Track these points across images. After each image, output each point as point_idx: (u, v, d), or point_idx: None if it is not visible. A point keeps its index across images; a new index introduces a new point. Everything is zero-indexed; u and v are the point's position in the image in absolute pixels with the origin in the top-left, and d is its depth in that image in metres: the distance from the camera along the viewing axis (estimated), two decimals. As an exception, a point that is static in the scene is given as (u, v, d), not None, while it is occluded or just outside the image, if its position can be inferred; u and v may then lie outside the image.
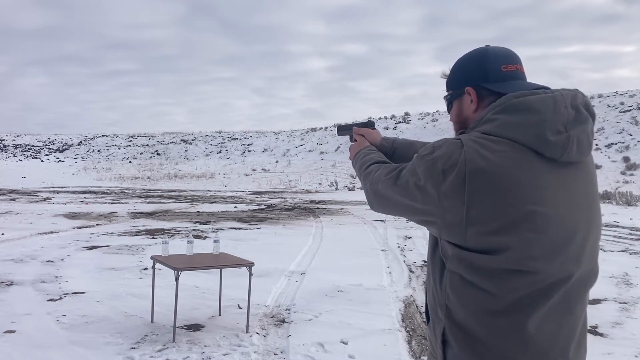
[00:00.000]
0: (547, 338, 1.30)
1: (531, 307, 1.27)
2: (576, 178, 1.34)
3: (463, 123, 1.48)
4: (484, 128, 1.34)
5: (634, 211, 16.85)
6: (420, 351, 4.45)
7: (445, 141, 1.33)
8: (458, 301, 1.32)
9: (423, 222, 1.40)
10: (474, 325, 1.30)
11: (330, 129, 50.30)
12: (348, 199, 22.70)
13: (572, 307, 1.33)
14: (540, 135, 1.28)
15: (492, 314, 1.28)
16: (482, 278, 1.28)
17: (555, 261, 1.28)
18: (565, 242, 1.30)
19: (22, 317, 5.21)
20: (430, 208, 1.32)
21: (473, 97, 1.44)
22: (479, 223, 1.25)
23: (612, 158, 28.35)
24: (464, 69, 1.48)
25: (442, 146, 1.32)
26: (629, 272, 7.73)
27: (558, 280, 1.29)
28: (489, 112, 1.36)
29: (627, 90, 40.20)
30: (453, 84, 1.51)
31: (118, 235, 11.10)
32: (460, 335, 1.32)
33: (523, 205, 1.24)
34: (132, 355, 4.22)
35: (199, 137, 55.33)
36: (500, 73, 1.42)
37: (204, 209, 17.77)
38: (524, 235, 1.24)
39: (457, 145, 1.29)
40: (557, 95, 1.33)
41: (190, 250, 5.13)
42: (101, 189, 29.08)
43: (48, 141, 55.48)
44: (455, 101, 1.51)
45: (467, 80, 1.46)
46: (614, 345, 4.65)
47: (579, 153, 1.33)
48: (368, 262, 8.37)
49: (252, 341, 4.61)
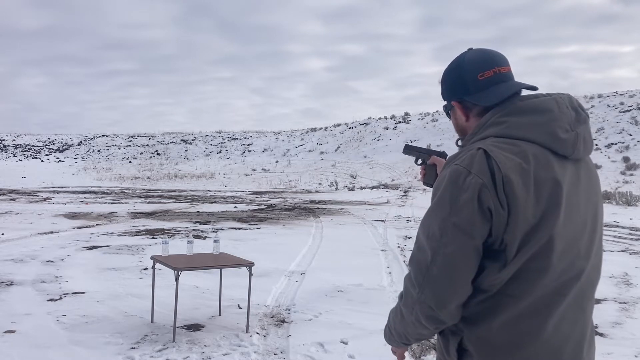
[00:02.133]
0: (563, 338, 1.31)
1: (550, 307, 1.29)
2: (583, 175, 1.38)
3: (463, 130, 1.50)
4: (492, 131, 1.34)
5: (634, 211, 16.84)
6: (420, 351, 4.45)
7: (470, 155, 1.29)
8: (480, 311, 1.31)
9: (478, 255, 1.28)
10: (497, 332, 1.30)
11: (330, 129, 50.28)
12: (348, 199, 22.70)
13: (584, 305, 1.36)
14: (553, 133, 1.31)
15: (514, 318, 1.29)
16: (506, 283, 1.28)
17: (568, 256, 1.31)
18: (578, 238, 1.33)
19: (22, 317, 5.21)
20: (477, 225, 1.25)
21: (459, 110, 1.47)
22: (516, 225, 1.25)
23: (612, 158, 28.34)
24: (446, 83, 1.51)
25: (472, 163, 1.27)
26: (629, 272, 7.73)
27: (571, 277, 1.31)
28: (494, 115, 1.37)
29: (627, 90, 40.19)
30: (443, 96, 1.54)
31: (118, 235, 11.10)
32: (481, 344, 1.32)
33: (548, 200, 1.27)
34: (132, 355, 4.23)
35: (199, 137, 55.30)
36: (477, 83, 1.41)
37: (204, 209, 17.77)
38: (551, 230, 1.27)
39: (482, 155, 1.28)
40: (557, 97, 1.37)
41: (190, 250, 5.13)
42: (101, 189, 29.07)
43: (48, 141, 55.47)
44: (450, 112, 1.53)
45: (450, 94, 1.49)
46: (614, 345, 4.66)
47: (585, 151, 1.37)
48: (368, 262, 8.37)
49: (252, 341, 4.61)
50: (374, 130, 45.51)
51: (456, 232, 1.25)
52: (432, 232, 1.29)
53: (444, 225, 1.27)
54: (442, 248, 1.27)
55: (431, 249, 1.28)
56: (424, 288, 1.30)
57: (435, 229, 1.29)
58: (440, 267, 1.27)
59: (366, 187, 28.59)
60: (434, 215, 1.30)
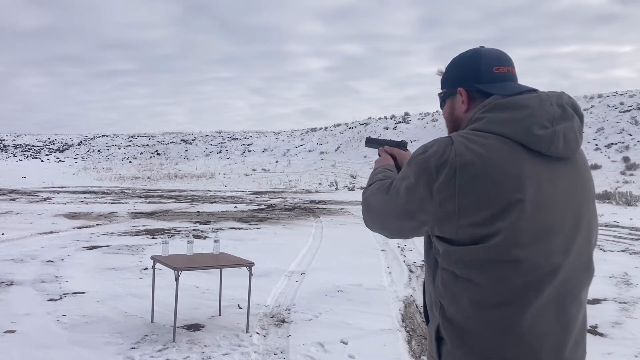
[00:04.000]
0: (540, 335, 1.31)
1: (522, 301, 1.30)
2: (564, 174, 1.38)
3: (455, 122, 1.52)
4: (473, 126, 1.39)
5: (634, 211, 16.84)
6: (420, 351, 4.45)
7: (436, 141, 1.39)
8: (451, 297, 1.34)
9: (413, 227, 1.42)
10: (467, 321, 1.32)
11: (330, 129, 50.29)
12: (348, 199, 22.70)
13: (566, 305, 1.35)
14: (526, 128, 1.33)
15: (484, 307, 1.30)
16: (472, 271, 1.30)
17: (539, 251, 1.31)
18: (550, 233, 1.32)
19: (22, 317, 5.21)
20: (422, 206, 1.35)
21: (464, 98, 1.48)
22: (470, 213, 1.29)
23: (612, 158, 28.35)
24: (457, 69, 1.52)
25: (433, 145, 1.37)
26: (629, 272, 7.73)
27: (545, 273, 1.31)
28: (478, 111, 1.41)
29: (627, 90, 40.20)
30: (446, 83, 1.55)
31: (118, 235, 11.10)
32: (454, 332, 1.34)
33: (510, 193, 1.29)
34: (132, 355, 4.23)
35: (199, 137, 55.32)
36: (492, 74, 1.45)
37: (204, 209, 17.78)
38: (511, 223, 1.28)
39: (447, 142, 1.35)
40: (543, 95, 1.40)
41: (190, 250, 5.13)
42: (101, 189, 29.08)
43: (48, 141, 55.48)
44: (448, 99, 1.55)
45: (460, 80, 1.49)
46: (613, 345, 4.65)
47: (566, 149, 1.37)
48: (368, 262, 8.37)
49: (252, 341, 4.61)
50: (374, 130, 45.52)
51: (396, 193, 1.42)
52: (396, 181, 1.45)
53: (398, 185, 1.42)
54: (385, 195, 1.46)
55: (386, 188, 1.47)
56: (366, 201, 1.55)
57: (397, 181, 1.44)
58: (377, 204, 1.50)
59: (366, 187, 28.58)
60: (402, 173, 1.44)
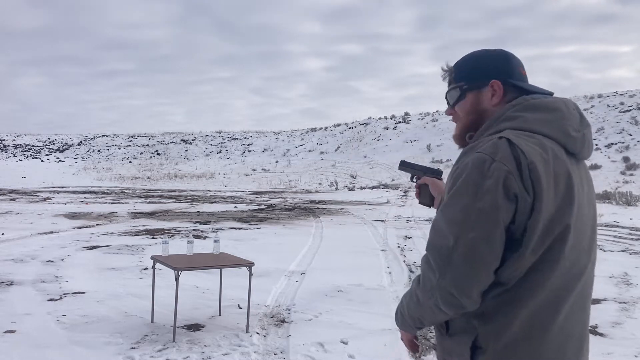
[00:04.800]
0: (567, 335, 1.33)
1: (558, 303, 1.31)
2: (584, 175, 1.43)
3: (478, 115, 1.47)
4: (507, 125, 1.37)
5: (634, 211, 16.84)
6: (420, 351, 4.45)
7: (493, 145, 1.29)
8: (497, 305, 1.31)
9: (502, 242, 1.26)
10: (511, 326, 1.29)
11: (330, 129, 50.27)
12: (348, 199, 22.70)
13: (585, 304, 1.39)
14: (565, 130, 1.36)
15: (528, 311, 1.29)
16: (523, 275, 1.29)
17: (576, 251, 1.33)
18: (583, 233, 1.36)
19: (22, 317, 5.21)
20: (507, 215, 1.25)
21: (499, 91, 1.45)
22: (540, 212, 1.26)
23: (612, 158, 28.34)
24: (488, 63, 1.49)
25: (496, 150, 1.28)
26: (629, 272, 7.73)
27: (576, 273, 1.34)
28: (508, 110, 1.40)
29: (627, 90, 40.20)
30: (469, 75, 1.49)
31: (118, 235, 11.10)
32: (495, 339, 1.31)
33: (565, 193, 1.30)
34: (132, 355, 4.23)
35: (199, 137, 55.32)
36: (520, 74, 1.49)
37: (204, 209, 17.77)
38: (567, 221, 1.29)
39: (505, 143, 1.29)
40: (565, 100, 1.43)
41: (190, 250, 5.13)
42: (101, 189, 29.08)
43: (48, 141, 55.47)
44: (470, 92, 1.49)
45: (493, 74, 1.47)
46: (614, 345, 4.66)
47: (589, 152, 1.43)
48: (368, 262, 8.37)
49: (252, 341, 4.61)
50: (374, 130, 45.51)
51: (480, 218, 1.23)
52: (454, 217, 1.27)
53: (467, 210, 1.25)
54: (465, 233, 1.24)
55: (453, 234, 1.25)
56: (445, 274, 1.26)
57: (457, 215, 1.26)
58: (463, 253, 1.24)
59: (366, 187, 28.59)
60: (456, 202, 1.28)
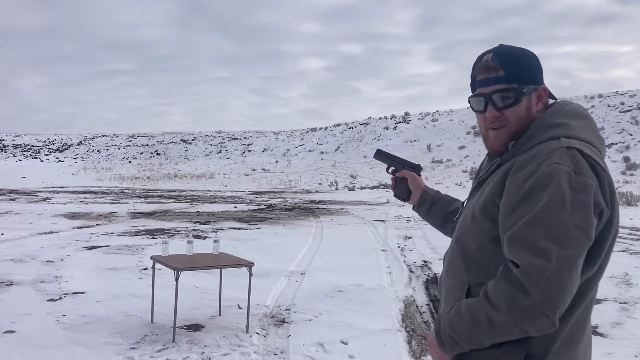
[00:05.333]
0: (589, 333, 1.37)
1: (591, 308, 1.35)
2: None
3: (528, 121, 1.39)
4: (558, 132, 1.32)
5: (634, 211, 16.85)
6: (420, 351, 4.44)
7: (569, 156, 1.25)
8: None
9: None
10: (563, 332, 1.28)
11: (330, 129, 50.25)
12: (348, 199, 22.70)
13: (593, 303, 1.41)
14: (600, 137, 1.37)
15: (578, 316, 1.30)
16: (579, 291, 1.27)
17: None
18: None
19: (22, 317, 5.21)
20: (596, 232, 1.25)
21: (545, 96, 1.42)
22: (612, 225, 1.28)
23: (612, 158, 28.33)
24: (538, 66, 1.43)
25: (576, 163, 1.24)
26: (629, 272, 7.73)
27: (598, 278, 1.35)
28: (552, 116, 1.36)
29: (627, 90, 40.18)
30: (525, 77, 1.39)
31: (118, 235, 11.09)
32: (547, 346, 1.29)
33: (612, 200, 1.29)
34: (132, 355, 4.22)
35: (198, 137, 55.29)
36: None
37: (204, 209, 17.76)
38: (615, 230, 1.30)
39: (579, 155, 1.25)
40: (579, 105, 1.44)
41: (190, 250, 5.13)
42: (101, 189, 29.06)
43: (48, 141, 55.46)
44: (526, 97, 1.39)
45: (541, 77, 1.43)
46: (614, 345, 4.66)
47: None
48: (368, 262, 8.37)
49: (252, 341, 4.61)
50: (374, 130, 45.49)
51: (578, 235, 1.19)
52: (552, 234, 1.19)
53: (566, 227, 1.19)
54: (564, 251, 1.18)
55: (553, 253, 1.18)
56: (542, 294, 1.17)
57: (555, 232, 1.19)
58: (561, 272, 1.18)
59: (366, 187, 28.60)
60: (551, 217, 1.20)
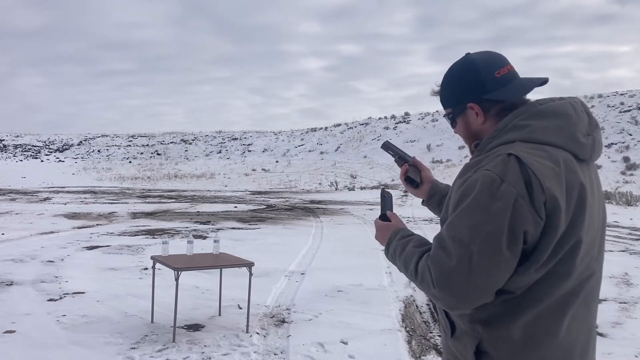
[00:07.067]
0: (574, 337, 1.32)
1: (565, 307, 1.30)
2: (594, 177, 1.39)
3: (475, 136, 1.44)
4: (515, 135, 1.32)
5: (634, 211, 16.84)
6: (420, 351, 4.44)
7: (503, 163, 1.25)
8: (502, 311, 1.30)
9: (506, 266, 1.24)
10: (516, 332, 1.29)
11: (330, 129, 50.25)
12: (348, 199, 22.70)
13: (590, 305, 1.37)
14: (574, 137, 1.32)
15: (534, 318, 1.28)
16: (531, 285, 1.27)
17: (587, 259, 1.32)
18: (594, 240, 1.34)
19: (22, 317, 5.21)
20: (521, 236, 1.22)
21: (478, 111, 1.41)
22: (551, 233, 1.24)
23: (612, 158, 28.33)
24: (458, 85, 1.44)
25: (506, 170, 1.23)
26: (629, 272, 7.73)
27: (584, 278, 1.32)
28: (515, 118, 1.34)
29: (627, 90, 40.18)
30: (450, 101, 1.47)
31: (118, 235, 11.09)
32: (501, 344, 1.30)
33: (577, 205, 1.26)
34: (132, 355, 4.22)
35: (199, 137, 55.29)
36: (495, 80, 1.40)
37: (204, 209, 17.77)
38: (578, 235, 1.27)
39: (514, 162, 1.24)
40: (572, 101, 1.37)
41: (190, 250, 5.13)
42: (101, 189, 29.06)
43: (48, 141, 55.45)
44: (458, 118, 1.46)
45: (466, 96, 1.42)
46: (614, 345, 4.66)
47: (598, 154, 1.39)
48: (368, 262, 8.37)
49: (252, 341, 4.61)
50: (374, 130, 45.50)
51: (486, 241, 1.20)
52: (460, 236, 1.23)
53: (474, 232, 1.21)
54: (469, 255, 1.21)
55: (457, 255, 1.22)
56: (444, 289, 1.24)
57: (463, 234, 1.22)
58: (464, 275, 1.21)
59: (366, 187, 28.59)
60: (464, 220, 1.24)
